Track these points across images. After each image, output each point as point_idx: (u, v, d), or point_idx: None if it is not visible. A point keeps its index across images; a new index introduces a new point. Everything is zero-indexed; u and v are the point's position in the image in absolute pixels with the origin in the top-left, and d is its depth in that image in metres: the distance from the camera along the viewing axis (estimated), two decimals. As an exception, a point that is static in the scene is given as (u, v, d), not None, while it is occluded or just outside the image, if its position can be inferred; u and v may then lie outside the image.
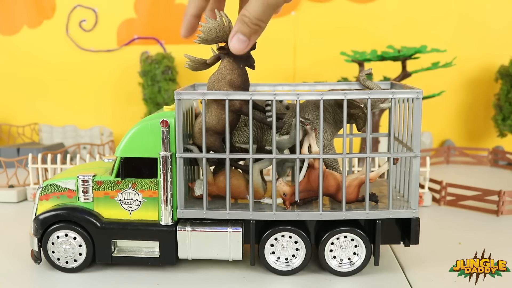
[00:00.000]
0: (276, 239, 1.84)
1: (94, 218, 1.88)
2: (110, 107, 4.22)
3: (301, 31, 4.00)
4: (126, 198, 1.88)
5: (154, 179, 1.86)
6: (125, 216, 1.89)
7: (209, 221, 1.85)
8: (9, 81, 4.31)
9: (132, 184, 1.87)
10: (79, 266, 1.89)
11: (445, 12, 3.91)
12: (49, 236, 1.89)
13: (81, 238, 1.88)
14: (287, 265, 1.84)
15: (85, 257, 1.89)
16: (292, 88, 2.17)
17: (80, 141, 4.04)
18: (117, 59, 4.18)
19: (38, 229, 1.89)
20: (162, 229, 1.85)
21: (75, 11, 4.16)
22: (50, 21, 4.20)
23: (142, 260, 1.89)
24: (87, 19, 4.17)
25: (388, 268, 1.87)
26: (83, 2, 4.14)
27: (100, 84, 4.22)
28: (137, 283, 1.81)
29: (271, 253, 1.85)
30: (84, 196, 1.90)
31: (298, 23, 3.99)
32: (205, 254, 1.85)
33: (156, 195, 1.85)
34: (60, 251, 1.89)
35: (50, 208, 1.91)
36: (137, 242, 1.89)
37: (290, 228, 1.83)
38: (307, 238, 1.82)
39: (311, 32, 4.00)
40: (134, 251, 1.90)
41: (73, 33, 4.18)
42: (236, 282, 1.78)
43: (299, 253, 1.84)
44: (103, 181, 1.89)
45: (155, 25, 4.11)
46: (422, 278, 1.76)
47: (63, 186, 1.92)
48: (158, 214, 1.86)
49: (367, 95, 1.71)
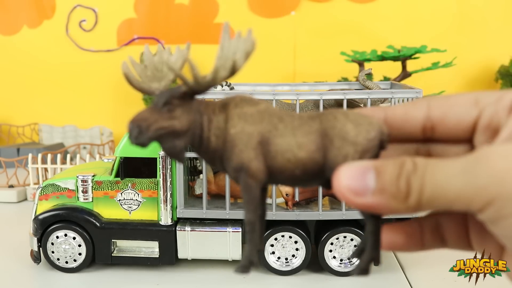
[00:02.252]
0: (276, 239, 1.85)
1: (94, 218, 1.88)
2: (110, 107, 4.22)
3: (301, 31, 4.00)
4: (125, 198, 1.88)
5: (153, 179, 1.86)
6: (125, 216, 1.89)
7: (209, 221, 1.86)
8: (9, 81, 4.31)
9: (132, 184, 1.87)
10: (78, 266, 1.88)
11: (445, 12, 3.91)
12: (49, 236, 1.88)
13: (81, 238, 1.88)
14: (287, 265, 1.84)
15: (84, 257, 1.88)
16: (292, 88, 2.17)
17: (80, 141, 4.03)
18: (117, 59, 4.18)
19: (37, 229, 1.89)
20: (162, 229, 1.85)
21: (75, 11, 4.16)
22: (50, 21, 4.19)
23: (142, 260, 1.89)
24: (87, 19, 4.16)
25: (388, 268, 1.86)
26: (83, 2, 4.14)
27: (100, 84, 4.22)
28: (136, 283, 1.81)
29: (271, 253, 1.85)
30: (83, 196, 1.90)
31: (298, 23, 3.99)
32: (204, 254, 1.85)
33: (155, 195, 1.85)
34: (59, 251, 1.88)
35: (50, 208, 1.91)
36: (136, 242, 1.89)
37: (290, 228, 1.83)
38: (307, 238, 1.82)
39: (311, 32, 4.00)
40: (133, 251, 1.90)
41: (73, 33, 4.18)
42: (236, 282, 1.78)
43: (299, 253, 1.84)
44: (103, 181, 1.89)
45: (155, 25, 4.11)
46: (422, 278, 1.76)
47: (62, 186, 1.92)
48: (157, 214, 1.86)
49: (367, 95, 1.71)
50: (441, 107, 0.58)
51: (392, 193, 0.51)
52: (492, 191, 0.45)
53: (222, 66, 0.60)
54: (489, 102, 0.56)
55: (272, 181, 0.62)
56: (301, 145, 0.59)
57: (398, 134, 0.61)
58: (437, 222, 0.62)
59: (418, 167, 0.51)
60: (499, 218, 0.45)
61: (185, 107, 0.62)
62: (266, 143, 0.60)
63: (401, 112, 0.60)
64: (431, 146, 0.63)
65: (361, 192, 0.52)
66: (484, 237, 0.57)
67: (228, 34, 0.62)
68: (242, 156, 0.60)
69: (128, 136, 0.62)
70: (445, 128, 0.59)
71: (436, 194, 0.49)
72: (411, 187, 0.50)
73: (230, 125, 0.61)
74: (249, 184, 0.60)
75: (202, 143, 0.62)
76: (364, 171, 0.53)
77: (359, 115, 0.59)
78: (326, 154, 0.59)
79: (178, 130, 0.62)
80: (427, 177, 0.49)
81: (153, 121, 0.61)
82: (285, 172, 0.60)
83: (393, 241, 0.61)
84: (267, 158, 0.60)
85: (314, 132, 0.60)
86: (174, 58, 0.70)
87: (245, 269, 0.60)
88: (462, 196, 0.47)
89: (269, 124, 0.61)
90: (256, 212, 0.61)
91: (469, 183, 0.47)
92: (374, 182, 0.52)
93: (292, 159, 0.59)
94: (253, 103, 0.63)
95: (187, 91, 0.62)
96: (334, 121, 0.59)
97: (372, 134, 0.58)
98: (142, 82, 0.68)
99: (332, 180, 0.55)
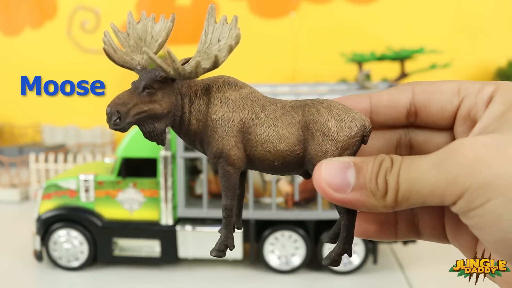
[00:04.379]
0: (276, 239, 1.86)
1: (95, 217, 1.90)
2: (111, 107, 4.24)
3: (300, 32, 4.02)
4: (127, 198, 1.90)
5: (154, 178, 1.88)
6: (126, 215, 1.91)
7: (210, 220, 1.87)
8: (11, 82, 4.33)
9: (133, 184, 1.89)
10: (80, 265, 1.90)
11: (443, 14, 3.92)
12: (51, 235, 1.91)
13: (83, 237, 1.90)
14: (286, 264, 1.86)
15: (86, 256, 1.91)
16: (291, 88, 2.19)
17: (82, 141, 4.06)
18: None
19: (40, 228, 1.91)
20: (163, 229, 1.87)
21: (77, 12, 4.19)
22: (52, 22, 4.22)
23: (143, 259, 1.92)
24: (89, 20, 4.18)
25: (387, 267, 1.88)
26: (85, 3, 4.16)
27: (102, 84, 4.24)
28: (137, 282, 1.82)
29: (271, 252, 1.86)
30: (85, 195, 1.92)
31: (297, 24, 4.01)
32: (205, 253, 1.86)
33: (156, 195, 1.87)
34: (61, 250, 1.90)
35: (52, 208, 1.93)
36: (137, 241, 1.91)
37: (290, 227, 1.84)
38: (306, 238, 1.84)
39: (311, 33, 4.01)
40: (134, 251, 1.92)
41: (75, 33, 4.20)
42: (236, 282, 1.80)
43: (298, 252, 1.85)
44: (104, 181, 1.91)
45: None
46: (422, 278, 1.77)
47: (64, 186, 1.94)
48: (158, 214, 1.88)
49: (366, 95, 1.72)
50: (424, 93, 0.58)
51: (371, 190, 0.52)
52: (462, 183, 0.46)
53: (204, 59, 0.58)
54: (470, 93, 0.56)
55: (251, 168, 0.63)
56: (281, 137, 0.59)
57: (384, 120, 0.61)
58: (412, 213, 0.62)
59: (394, 164, 0.51)
60: (470, 209, 0.46)
61: (166, 89, 0.61)
62: (247, 132, 0.60)
63: (386, 98, 0.60)
64: (414, 134, 0.62)
65: (341, 188, 0.53)
66: (459, 230, 0.57)
67: (214, 17, 0.60)
68: (223, 143, 0.60)
69: (106, 121, 0.59)
70: (428, 114, 0.59)
71: (411, 191, 0.49)
72: (388, 184, 0.50)
73: (212, 110, 0.61)
74: (228, 171, 0.61)
75: (183, 124, 0.62)
76: (345, 168, 0.53)
77: (342, 110, 0.59)
78: (306, 148, 0.59)
79: (159, 113, 0.61)
80: (402, 174, 0.50)
81: (133, 105, 0.60)
82: (264, 162, 0.60)
83: (365, 229, 0.62)
84: (247, 146, 0.60)
85: (296, 124, 0.59)
86: (158, 28, 0.67)
87: (221, 253, 0.60)
88: (435, 191, 0.48)
89: (251, 112, 0.60)
90: (234, 199, 0.61)
91: (440, 177, 0.47)
92: (354, 179, 0.52)
93: (272, 150, 0.59)
94: (236, 87, 0.62)
95: (167, 76, 0.60)
96: (316, 115, 0.59)
97: (354, 131, 0.58)
98: (124, 54, 0.64)
99: (312, 174, 0.55)
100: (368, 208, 0.52)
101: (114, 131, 0.66)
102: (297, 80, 3.99)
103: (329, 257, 0.59)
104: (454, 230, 0.58)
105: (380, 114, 0.61)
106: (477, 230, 0.47)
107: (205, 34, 0.60)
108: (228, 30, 0.59)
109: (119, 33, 0.65)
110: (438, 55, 3.29)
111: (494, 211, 0.45)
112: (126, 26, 0.66)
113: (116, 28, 0.65)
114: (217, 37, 0.59)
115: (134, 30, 0.66)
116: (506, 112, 0.51)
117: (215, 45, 0.60)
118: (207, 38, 0.60)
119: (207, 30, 0.60)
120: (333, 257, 0.60)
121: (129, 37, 0.66)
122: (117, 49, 0.62)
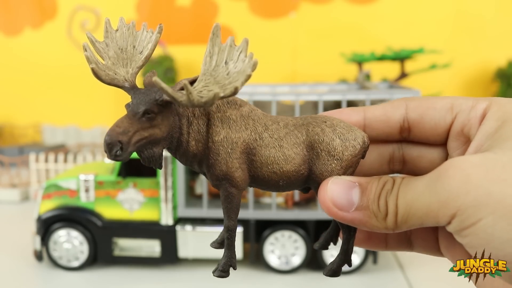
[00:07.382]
0: (276, 239, 1.86)
1: (96, 217, 1.90)
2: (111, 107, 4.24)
3: (300, 33, 4.02)
4: (127, 198, 1.90)
5: (154, 179, 1.88)
6: (126, 215, 1.91)
7: (210, 220, 1.88)
8: (11, 82, 4.34)
9: (133, 184, 1.89)
10: (80, 265, 1.90)
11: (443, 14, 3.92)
12: (51, 235, 1.91)
13: (83, 237, 1.90)
14: (286, 264, 1.86)
15: (86, 256, 1.91)
16: (291, 88, 2.19)
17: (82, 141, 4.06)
18: (119, 60, 4.19)
19: (40, 228, 1.91)
20: (163, 229, 1.87)
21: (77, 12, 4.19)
22: (52, 22, 4.22)
23: (143, 259, 1.92)
24: (89, 20, 4.19)
25: (387, 267, 1.88)
26: (85, 3, 4.16)
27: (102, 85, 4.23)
28: (137, 282, 1.83)
29: (271, 252, 1.86)
30: (85, 195, 1.92)
31: (297, 24, 4.01)
32: (205, 253, 1.86)
33: (156, 195, 1.87)
34: (61, 250, 1.90)
35: (52, 208, 1.93)
36: (138, 241, 1.91)
37: (290, 227, 1.84)
38: (306, 238, 1.84)
39: (311, 33, 4.02)
40: (134, 250, 1.92)
41: (75, 33, 4.20)
42: (236, 282, 1.80)
43: (299, 252, 1.85)
44: (104, 181, 1.91)
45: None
46: (422, 278, 1.77)
47: (65, 185, 1.94)
48: (158, 214, 1.88)
49: (366, 95, 1.72)
50: (418, 109, 0.58)
51: (373, 211, 0.52)
52: (453, 204, 0.46)
53: (222, 90, 0.53)
54: (463, 109, 0.56)
55: (254, 186, 0.62)
56: (287, 158, 0.58)
57: (377, 135, 0.61)
58: None
59: (394, 186, 0.52)
60: (463, 229, 0.47)
61: (165, 112, 0.57)
62: (250, 153, 0.59)
63: (380, 113, 0.60)
64: (407, 149, 0.63)
65: (344, 207, 0.54)
66: (453, 243, 0.57)
67: (219, 37, 0.56)
68: (226, 166, 0.58)
69: (105, 151, 0.54)
70: (421, 130, 0.59)
71: (408, 213, 0.50)
72: (388, 207, 0.51)
73: (213, 131, 0.58)
74: (232, 193, 0.59)
75: (180, 146, 0.59)
76: (350, 187, 0.54)
77: (345, 129, 0.59)
78: (311, 167, 0.59)
79: (159, 138, 0.57)
80: (400, 196, 0.51)
81: (133, 133, 0.55)
82: (269, 182, 0.59)
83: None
84: (251, 167, 0.59)
85: (300, 144, 0.59)
86: (142, 38, 0.62)
87: (225, 274, 0.60)
88: (429, 212, 0.48)
89: (253, 132, 0.59)
90: (236, 219, 0.60)
91: (433, 199, 0.48)
92: (358, 199, 0.53)
93: (278, 171, 0.58)
94: (236, 105, 0.59)
95: (170, 100, 0.55)
96: (322, 135, 0.59)
97: (357, 150, 0.58)
98: (106, 68, 0.59)
99: (317, 192, 0.56)
100: (369, 228, 0.53)
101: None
102: (297, 80, 4.00)
103: (330, 269, 0.60)
104: (448, 243, 0.59)
105: (373, 129, 0.62)
106: (471, 248, 0.48)
107: (210, 55, 0.55)
108: (237, 53, 0.54)
109: (97, 43, 0.60)
110: (438, 55, 3.30)
111: (486, 229, 0.46)
112: (103, 35, 0.60)
113: (93, 38, 0.60)
114: (224, 59, 0.55)
115: (113, 39, 0.61)
116: (498, 129, 0.51)
117: (222, 67, 0.55)
118: (212, 59, 0.55)
119: (212, 51, 0.55)
120: (334, 268, 0.61)
121: (108, 47, 0.60)
122: (99, 64, 0.57)
